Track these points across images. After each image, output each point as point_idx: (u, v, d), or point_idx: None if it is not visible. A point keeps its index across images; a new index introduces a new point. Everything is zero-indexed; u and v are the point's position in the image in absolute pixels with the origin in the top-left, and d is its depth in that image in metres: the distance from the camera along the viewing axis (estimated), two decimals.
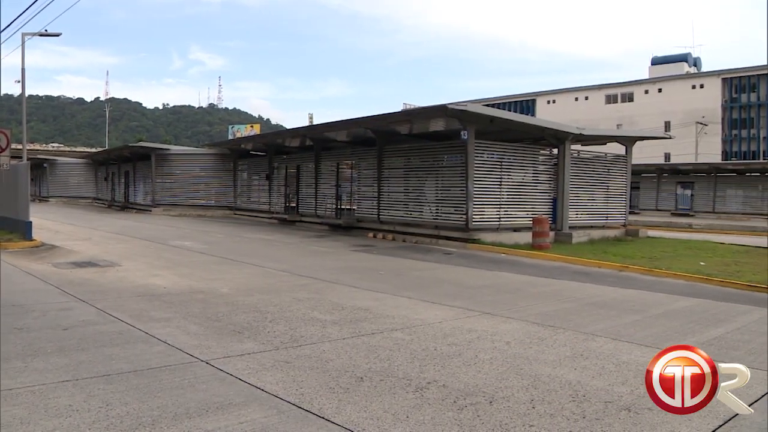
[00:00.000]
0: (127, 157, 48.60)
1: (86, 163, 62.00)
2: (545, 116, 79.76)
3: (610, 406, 5.54)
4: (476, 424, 5.02)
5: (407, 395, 5.68)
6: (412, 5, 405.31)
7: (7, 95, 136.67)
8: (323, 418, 5.06)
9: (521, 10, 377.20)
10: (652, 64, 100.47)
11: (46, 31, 32.07)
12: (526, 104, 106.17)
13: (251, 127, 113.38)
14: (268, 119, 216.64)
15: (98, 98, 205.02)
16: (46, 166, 60.70)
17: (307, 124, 79.44)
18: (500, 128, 23.20)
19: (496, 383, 6.11)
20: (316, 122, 72.92)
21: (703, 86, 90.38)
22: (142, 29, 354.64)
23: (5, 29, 34.79)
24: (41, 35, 32.03)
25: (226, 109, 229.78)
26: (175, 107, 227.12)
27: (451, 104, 20.21)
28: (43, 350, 6.85)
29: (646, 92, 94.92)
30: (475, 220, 21.94)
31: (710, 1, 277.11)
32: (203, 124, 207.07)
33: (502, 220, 22.86)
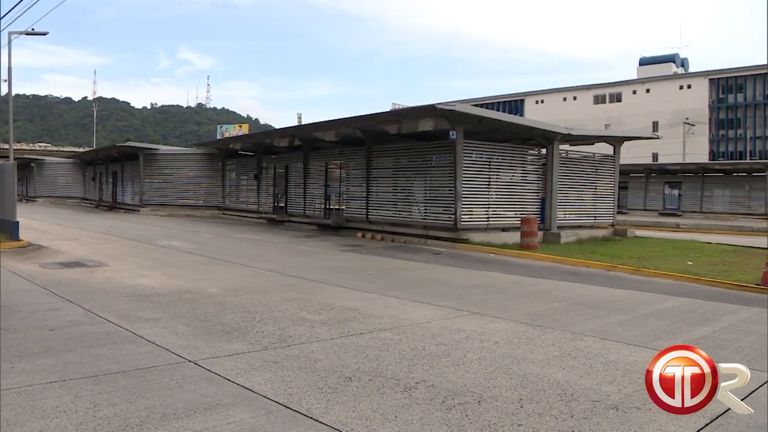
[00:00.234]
0: (115, 157, 48.36)
1: (74, 163, 61.68)
2: (534, 116, 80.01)
3: (598, 405, 5.56)
4: (465, 423, 5.02)
5: (396, 395, 5.68)
6: (401, 5, 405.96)
7: None
8: (312, 418, 5.06)
9: (512, 10, 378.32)
10: (640, 64, 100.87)
11: (32, 29, 31.81)
12: (514, 104, 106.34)
13: (240, 126, 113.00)
14: (256, 119, 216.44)
15: (86, 98, 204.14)
16: (33, 165, 60.35)
17: (295, 123, 79.24)
18: (489, 128, 23.23)
19: (484, 383, 6.12)
20: (304, 122, 72.85)
21: (690, 87, 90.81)
22: (129, 28, 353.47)
23: None
24: (28, 34, 31.78)
25: (214, 108, 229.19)
26: (163, 107, 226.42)
27: (439, 104, 20.21)
28: (29, 351, 6.81)
29: (634, 92, 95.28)
30: (463, 220, 21.97)
31: (698, 2, 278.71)
32: (191, 123, 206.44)
33: (490, 220, 22.89)
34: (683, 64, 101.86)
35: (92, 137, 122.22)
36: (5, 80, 31.59)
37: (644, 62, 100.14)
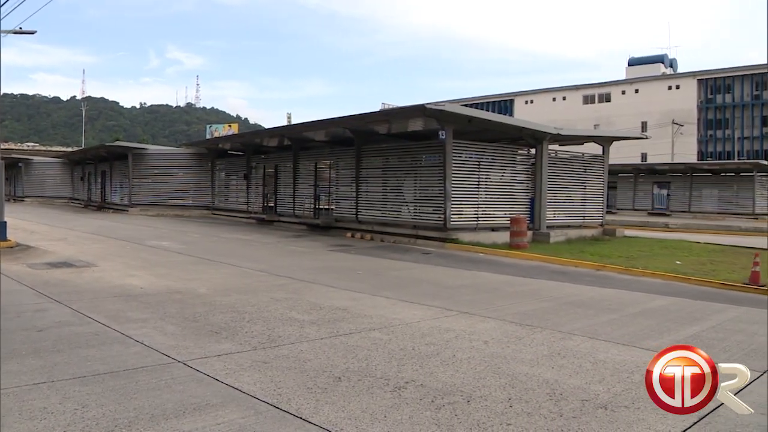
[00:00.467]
0: (103, 156, 48.17)
1: (62, 162, 61.41)
2: (523, 116, 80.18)
3: (587, 404, 5.58)
4: (454, 423, 5.03)
5: (385, 395, 5.68)
6: (392, 5, 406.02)
7: None
8: (301, 418, 5.05)
9: (502, 10, 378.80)
10: (629, 65, 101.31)
11: (20, 28, 31.64)
12: (504, 104, 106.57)
13: (229, 126, 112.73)
14: (246, 119, 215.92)
15: (74, 97, 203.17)
16: (21, 165, 59.99)
17: (285, 123, 79.14)
18: (478, 128, 23.27)
19: (473, 382, 6.13)
20: (294, 122, 72.76)
21: (679, 87, 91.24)
22: (118, 27, 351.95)
23: None
24: (16, 33, 31.57)
25: (204, 108, 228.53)
26: (152, 106, 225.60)
27: (429, 104, 20.22)
28: (17, 352, 6.77)
29: (623, 93, 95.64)
30: (453, 219, 21.99)
31: (686, 2, 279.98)
32: (181, 123, 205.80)
33: (480, 219, 22.92)
34: (672, 64, 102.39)
35: (81, 137, 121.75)
36: None
37: (633, 62, 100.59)
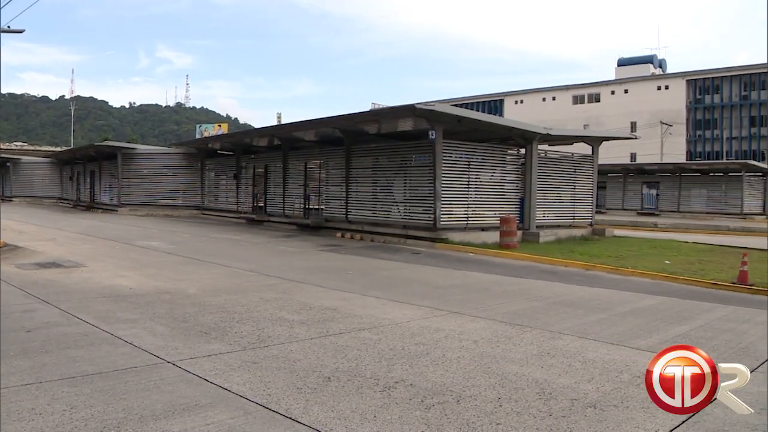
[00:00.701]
0: (92, 156, 48.00)
1: (51, 162, 61.13)
2: (513, 116, 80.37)
3: (576, 403, 5.60)
4: (444, 423, 5.04)
5: (375, 395, 5.68)
6: (383, 5, 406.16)
7: None
8: (290, 418, 5.05)
9: (493, 10, 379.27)
10: (618, 65, 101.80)
11: (8, 27, 31.48)
12: (494, 104, 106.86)
13: (219, 126, 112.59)
14: (236, 118, 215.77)
15: (63, 96, 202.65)
16: (9, 165, 59.67)
17: (275, 123, 79.05)
18: (468, 128, 23.29)
19: (463, 382, 6.14)
20: (284, 122, 72.72)
21: (668, 87, 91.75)
22: (108, 27, 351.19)
23: None
24: (4, 32, 31.40)
25: (193, 108, 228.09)
26: (141, 106, 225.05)
27: (419, 104, 20.22)
28: (5, 353, 6.73)
29: (612, 93, 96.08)
30: (443, 219, 22.01)
31: (675, 3, 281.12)
32: (170, 123, 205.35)
33: (470, 219, 22.95)
34: (661, 65, 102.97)
35: (70, 136, 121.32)
36: None
37: (622, 63, 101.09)
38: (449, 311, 9.98)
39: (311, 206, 30.19)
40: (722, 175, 52.07)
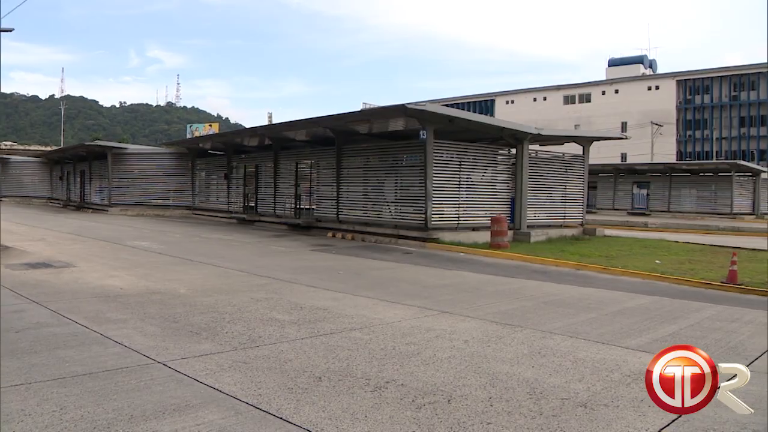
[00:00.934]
0: (82, 155, 47.81)
1: (41, 161, 60.78)
2: (504, 116, 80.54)
3: (566, 402, 5.61)
4: (434, 422, 5.04)
5: (366, 395, 5.68)
6: (374, 5, 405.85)
7: None
8: (281, 418, 5.04)
9: (485, 10, 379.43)
10: (609, 65, 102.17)
11: None
12: (485, 104, 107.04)
13: (210, 126, 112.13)
14: (227, 118, 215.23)
15: (53, 96, 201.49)
16: None
17: (266, 123, 78.93)
18: (459, 128, 23.30)
19: (454, 382, 6.15)
20: (275, 121, 72.56)
21: (658, 88, 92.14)
22: (98, 26, 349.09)
23: None
24: None
25: (184, 107, 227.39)
26: (132, 105, 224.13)
27: (410, 104, 20.22)
28: None
29: (603, 93, 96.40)
30: (434, 219, 22.01)
31: (666, 4, 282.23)
32: (161, 122, 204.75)
33: (461, 219, 22.96)
34: (651, 65, 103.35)
35: (60, 136, 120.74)
36: None
37: (613, 63, 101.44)
38: (440, 311, 9.99)
39: (302, 206, 30.16)
40: (712, 175, 52.33)
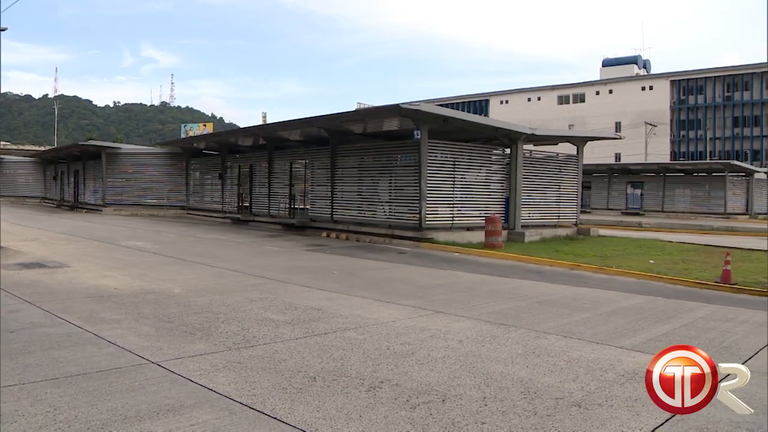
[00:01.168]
0: (76, 155, 47.68)
1: (34, 161, 60.57)
2: (498, 116, 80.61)
3: (561, 402, 5.62)
4: (429, 422, 5.04)
5: (360, 395, 5.68)
6: (369, 5, 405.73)
7: None
8: (276, 418, 5.04)
9: (480, 11, 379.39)
10: (603, 65, 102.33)
11: None
12: (479, 104, 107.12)
13: (204, 125, 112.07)
14: (221, 118, 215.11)
15: (47, 95, 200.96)
16: None
17: (260, 123, 78.85)
18: (454, 128, 23.31)
19: (448, 381, 6.15)
20: (270, 121, 72.55)
21: (652, 88, 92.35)
22: (92, 25, 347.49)
23: None
24: None
25: (178, 107, 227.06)
26: (126, 105, 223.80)
27: (404, 104, 20.24)
28: None
29: (597, 93, 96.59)
30: (428, 219, 22.02)
31: (660, 4, 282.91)
32: (155, 122, 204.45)
33: (455, 219, 22.97)
34: (645, 65, 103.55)
35: (53, 136, 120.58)
36: None
37: (607, 63, 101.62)
38: (434, 311, 9.99)
39: (297, 206, 30.17)
40: (706, 175, 52.51)
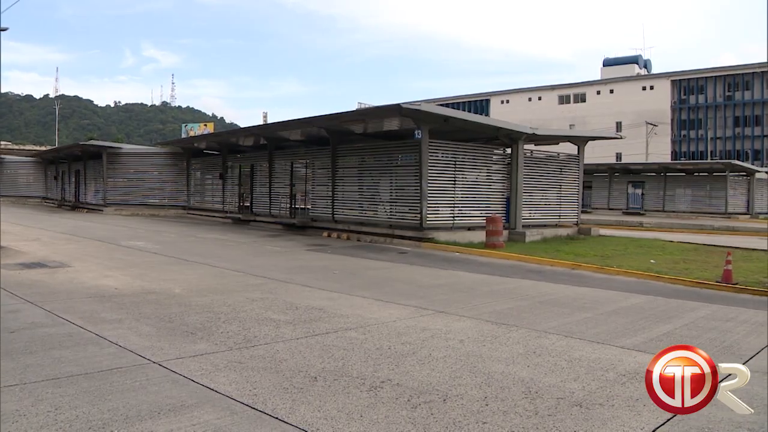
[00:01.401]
0: (77, 155, 47.67)
1: (35, 161, 60.59)
2: (499, 116, 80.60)
3: (562, 402, 5.61)
4: (430, 422, 5.04)
5: (361, 394, 5.68)
6: (369, 5, 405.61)
7: None
8: (277, 418, 5.04)
9: (480, 10, 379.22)
10: (603, 65, 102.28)
11: None
12: (480, 104, 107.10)
13: (205, 125, 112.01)
14: (222, 118, 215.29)
15: (48, 95, 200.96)
16: None
17: (261, 122, 78.85)
18: (454, 128, 23.30)
19: (449, 381, 6.15)
20: (270, 121, 72.53)
21: (653, 88, 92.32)
22: (92, 25, 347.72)
23: None
24: None
25: (179, 107, 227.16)
26: (127, 105, 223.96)
27: (405, 104, 20.22)
28: None
29: (598, 93, 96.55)
30: (429, 219, 22.01)
31: (661, 4, 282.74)
32: (156, 122, 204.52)
33: (456, 219, 22.97)
34: (646, 65, 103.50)
35: (54, 135, 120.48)
36: None
37: (608, 63, 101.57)
38: (435, 311, 9.99)
39: (297, 206, 30.17)
40: (707, 174, 52.47)
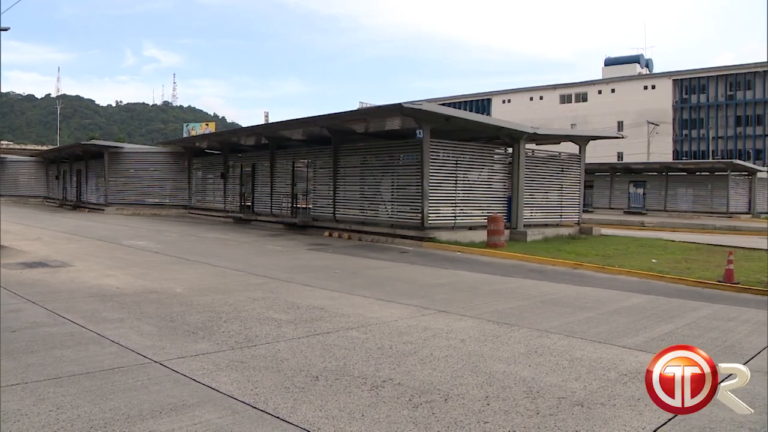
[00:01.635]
0: (79, 155, 47.68)
1: (37, 161, 60.59)
2: (500, 115, 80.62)
3: (563, 401, 5.61)
4: (431, 421, 5.04)
5: (363, 394, 5.67)
6: (370, 4, 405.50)
7: None
8: (278, 417, 5.03)
9: (481, 10, 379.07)
10: (605, 65, 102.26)
11: None
12: (481, 103, 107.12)
13: (206, 125, 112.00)
14: (223, 117, 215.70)
15: (49, 95, 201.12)
16: None
17: (262, 122, 78.82)
18: (456, 127, 23.30)
19: (451, 381, 6.14)
20: (271, 120, 72.50)
21: (654, 87, 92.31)
22: (94, 25, 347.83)
23: None
24: None
25: (180, 107, 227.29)
26: (128, 105, 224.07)
27: (406, 103, 20.21)
28: None
29: (599, 92, 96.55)
30: (430, 218, 22.01)
31: (662, 3, 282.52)
32: (157, 122, 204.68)
33: (457, 218, 22.97)
34: (647, 64, 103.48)
35: (56, 135, 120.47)
36: None
37: (609, 63, 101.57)
38: (437, 310, 9.99)
39: (299, 205, 30.15)
40: (708, 174, 52.43)
